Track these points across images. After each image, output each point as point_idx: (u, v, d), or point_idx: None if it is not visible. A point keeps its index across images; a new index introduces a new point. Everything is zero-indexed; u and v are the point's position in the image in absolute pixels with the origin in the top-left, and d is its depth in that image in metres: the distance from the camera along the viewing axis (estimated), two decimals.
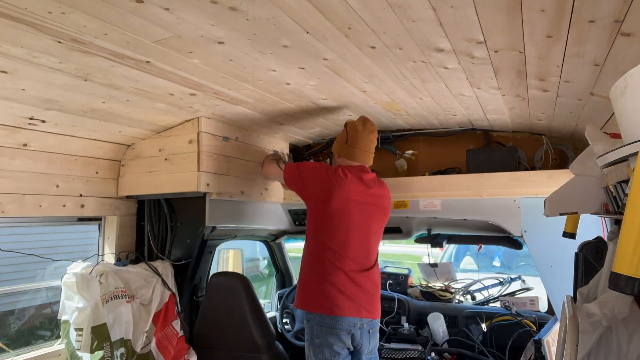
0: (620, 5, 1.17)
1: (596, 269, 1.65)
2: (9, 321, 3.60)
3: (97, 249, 2.98)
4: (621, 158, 1.09)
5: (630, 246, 0.82)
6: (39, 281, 3.24)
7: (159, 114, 2.46)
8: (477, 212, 2.87)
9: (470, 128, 3.05)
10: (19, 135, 2.29)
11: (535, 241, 2.76)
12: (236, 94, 2.25)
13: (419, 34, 1.51)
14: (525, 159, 2.95)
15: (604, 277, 1.44)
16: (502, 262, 6.62)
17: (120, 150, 2.85)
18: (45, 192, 2.48)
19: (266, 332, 2.81)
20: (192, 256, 2.95)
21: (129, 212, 3.01)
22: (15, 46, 1.52)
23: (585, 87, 1.86)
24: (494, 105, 2.41)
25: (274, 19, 1.43)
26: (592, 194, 1.72)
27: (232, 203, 2.97)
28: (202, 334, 2.93)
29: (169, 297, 2.81)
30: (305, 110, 2.62)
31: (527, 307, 3.32)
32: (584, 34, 1.37)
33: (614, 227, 1.64)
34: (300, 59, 1.80)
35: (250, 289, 2.88)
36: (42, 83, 1.85)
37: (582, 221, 2.01)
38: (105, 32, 1.48)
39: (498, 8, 1.29)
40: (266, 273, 5.36)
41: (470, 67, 1.82)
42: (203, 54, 1.72)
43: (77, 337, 2.54)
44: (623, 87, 1.01)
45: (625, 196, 1.15)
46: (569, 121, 2.50)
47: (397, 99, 2.40)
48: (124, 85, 1.98)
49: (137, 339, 2.56)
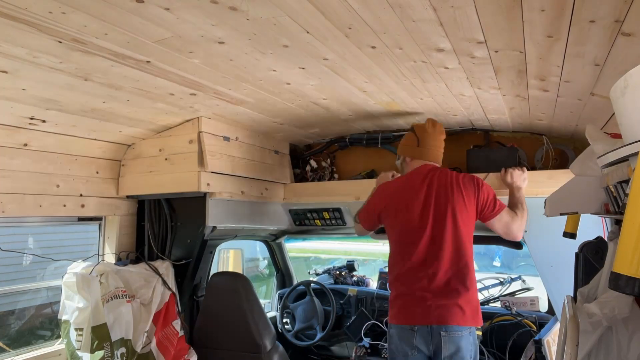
0: (620, 5, 1.17)
1: (596, 269, 1.65)
2: (9, 321, 3.60)
3: (97, 248, 2.98)
4: (621, 158, 1.09)
5: (631, 246, 0.81)
6: (39, 281, 3.24)
7: (159, 114, 2.47)
8: None
9: (471, 128, 3.05)
10: (19, 135, 2.29)
11: (535, 241, 2.76)
12: (236, 94, 2.25)
13: (419, 34, 1.51)
14: (525, 159, 2.94)
15: (604, 277, 1.44)
16: (502, 262, 6.61)
17: (120, 150, 2.85)
18: (46, 192, 2.48)
19: (266, 332, 2.81)
20: (192, 256, 2.95)
21: (129, 212, 3.01)
22: (16, 46, 1.53)
23: (585, 87, 1.86)
24: (494, 105, 2.41)
25: (274, 19, 1.43)
26: (593, 194, 1.71)
27: (232, 203, 2.97)
28: (202, 333, 2.93)
29: (169, 297, 2.81)
30: (306, 110, 2.62)
31: (527, 307, 3.32)
32: (584, 34, 1.37)
33: (614, 227, 1.64)
34: (300, 59, 1.80)
35: (250, 289, 2.88)
36: (42, 83, 1.85)
37: (582, 221, 2.01)
38: (106, 32, 1.48)
39: (498, 8, 1.29)
40: (266, 273, 5.36)
41: (471, 67, 1.82)
42: (203, 54, 1.72)
43: (77, 337, 2.54)
44: (623, 87, 1.01)
45: (626, 196, 1.15)
46: (569, 121, 2.50)
47: (398, 99, 2.40)
48: (124, 85, 1.98)
49: (138, 339, 2.57)
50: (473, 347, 2.28)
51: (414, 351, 2.31)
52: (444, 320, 2.25)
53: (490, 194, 2.45)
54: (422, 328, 2.28)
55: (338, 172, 3.55)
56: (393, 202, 2.52)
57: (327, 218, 3.43)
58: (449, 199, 2.39)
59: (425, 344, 2.28)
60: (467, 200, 2.40)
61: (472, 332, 2.30)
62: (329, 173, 3.54)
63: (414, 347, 2.31)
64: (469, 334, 2.27)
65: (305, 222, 3.53)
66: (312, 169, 3.54)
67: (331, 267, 4.24)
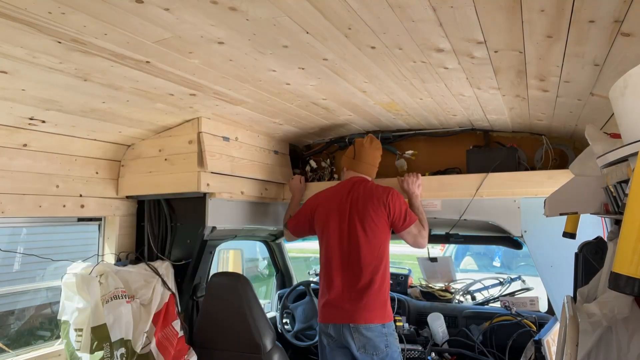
0: (620, 5, 1.17)
1: (596, 269, 1.65)
2: (9, 321, 3.60)
3: (97, 249, 2.98)
4: (621, 158, 1.09)
5: (630, 246, 0.81)
6: (39, 281, 3.24)
7: (159, 114, 2.46)
8: (477, 212, 2.87)
9: (470, 128, 3.06)
10: (19, 135, 2.29)
11: (535, 241, 2.76)
12: (236, 94, 2.25)
13: (419, 34, 1.51)
14: (525, 159, 2.95)
15: (604, 277, 1.44)
16: (502, 262, 6.61)
17: (120, 150, 2.85)
18: (45, 192, 2.48)
19: (266, 332, 2.81)
20: (192, 256, 2.95)
21: (129, 213, 3.01)
22: (15, 46, 1.53)
23: (585, 87, 1.86)
24: (493, 105, 2.41)
25: (274, 19, 1.43)
26: (592, 194, 1.71)
27: (232, 203, 2.97)
28: (202, 334, 2.93)
29: (169, 297, 2.81)
30: (305, 110, 2.62)
31: (527, 307, 3.32)
32: (584, 34, 1.37)
33: (614, 227, 1.64)
34: (300, 59, 1.80)
35: (250, 289, 2.88)
36: (42, 83, 1.85)
37: (582, 221, 2.01)
38: (105, 32, 1.48)
39: (498, 8, 1.29)
40: (266, 273, 5.36)
41: (470, 67, 1.82)
42: (203, 54, 1.72)
43: (77, 337, 2.53)
44: (623, 87, 1.01)
45: (625, 196, 1.15)
46: (569, 121, 2.50)
47: (397, 99, 2.40)
48: (124, 86, 1.98)
49: (137, 339, 2.56)
50: (384, 338, 2.55)
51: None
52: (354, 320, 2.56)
53: (403, 207, 2.67)
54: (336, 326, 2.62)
55: (338, 172, 3.55)
56: (322, 210, 2.81)
57: None
58: (362, 211, 2.66)
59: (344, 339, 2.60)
60: (376, 212, 2.63)
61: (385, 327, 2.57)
62: (328, 173, 3.54)
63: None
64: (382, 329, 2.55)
65: None
66: (312, 169, 3.54)
67: None
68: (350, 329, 2.56)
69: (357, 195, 2.71)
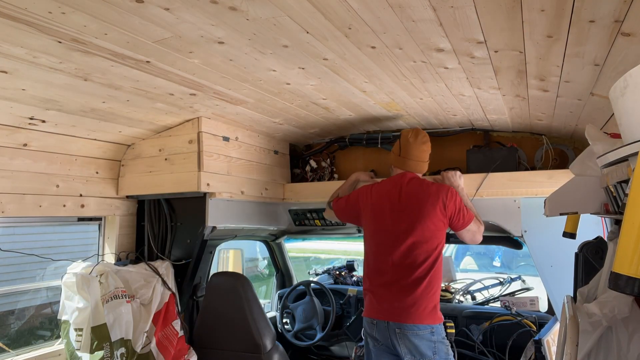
0: (620, 5, 1.17)
1: (596, 269, 1.65)
2: (9, 321, 3.60)
3: (97, 249, 2.98)
4: (621, 158, 1.09)
5: (630, 246, 0.81)
6: (39, 281, 3.24)
7: (159, 114, 2.46)
8: (478, 212, 2.87)
9: (470, 128, 3.06)
10: (19, 135, 2.29)
11: (535, 241, 2.76)
12: (236, 94, 2.25)
13: (419, 34, 1.51)
14: (525, 159, 2.95)
15: (604, 277, 1.44)
16: (502, 262, 6.61)
17: (120, 150, 2.85)
18: (45, 192, 2.48)
19: (266, 332, 2.81)
20: (192, 256, 2.95)
21: (129, 212, 3.01)
22: (15, 46, 1.53)
23: (585, 87, 1.86)
24: (494, 105, 2.41)
25: (274, 19, 1.43)
26: (592, 194, 1.71)
27: (232, 203, 2.97)
28: (202, 334, 2.93)
29: (169, 297, 2.81)
30: (305, 110, 2.62)
31: (527, 307, 3.32)
32: (584, 34, 1.37)
33: (614, 227, 1.64)
34: (300, 59, 1.80)
35: (250, 289, 2.88)
36: (42, 83, 1.85)
37: (582, 221, 2.01)
38: (106, 32, 1.48)
39: (498, 8, 1.29)
40: (266, 273, 5.37)
41: (470, 67, 1.82)
42: (203, 54, 1.72)
43: (77, 337, 2.54)
44: (623, 87, 1.01)
45: (625, 196, 1.15)
46: (569, 121, 2.50)
47: (397, 98, 2.40)
48: (124, 85, 1.98)
49: (137, 339, 2.56)
50: (433, 345, 2.42)
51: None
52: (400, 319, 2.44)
53: (460, 206, 2.55)
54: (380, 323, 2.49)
55: (338, 172, 3.55)
56: (372, 205, 2.67)
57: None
58: (417, 210, 2.51)
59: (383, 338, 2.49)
60: (434, 212, 2.50)
61: (434, 330, 2.44)
62: (328, 173, 3.54)
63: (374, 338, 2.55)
64: (429, 332, 2.42)
65: (305, 222, 3.53)
66: (312, 169, 3.54)
67: (331, 267, 4.24)
68: (397, 333, 2.42)
69: (411, 193, 2.55)
